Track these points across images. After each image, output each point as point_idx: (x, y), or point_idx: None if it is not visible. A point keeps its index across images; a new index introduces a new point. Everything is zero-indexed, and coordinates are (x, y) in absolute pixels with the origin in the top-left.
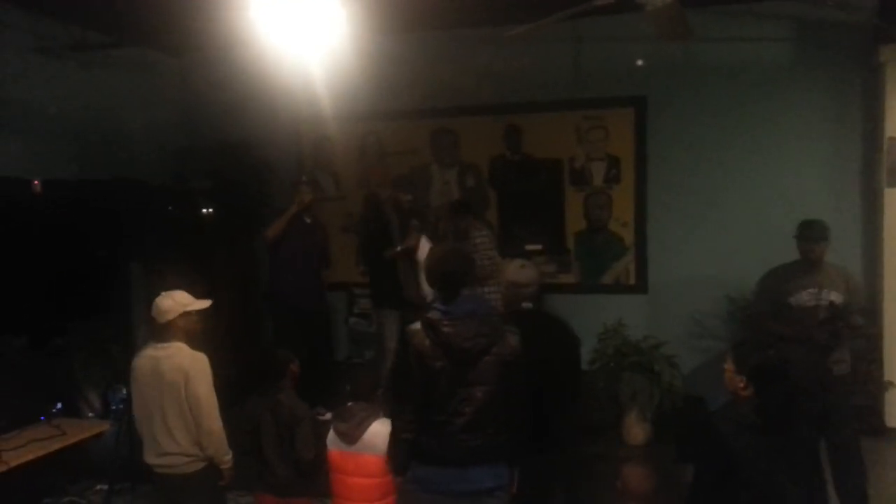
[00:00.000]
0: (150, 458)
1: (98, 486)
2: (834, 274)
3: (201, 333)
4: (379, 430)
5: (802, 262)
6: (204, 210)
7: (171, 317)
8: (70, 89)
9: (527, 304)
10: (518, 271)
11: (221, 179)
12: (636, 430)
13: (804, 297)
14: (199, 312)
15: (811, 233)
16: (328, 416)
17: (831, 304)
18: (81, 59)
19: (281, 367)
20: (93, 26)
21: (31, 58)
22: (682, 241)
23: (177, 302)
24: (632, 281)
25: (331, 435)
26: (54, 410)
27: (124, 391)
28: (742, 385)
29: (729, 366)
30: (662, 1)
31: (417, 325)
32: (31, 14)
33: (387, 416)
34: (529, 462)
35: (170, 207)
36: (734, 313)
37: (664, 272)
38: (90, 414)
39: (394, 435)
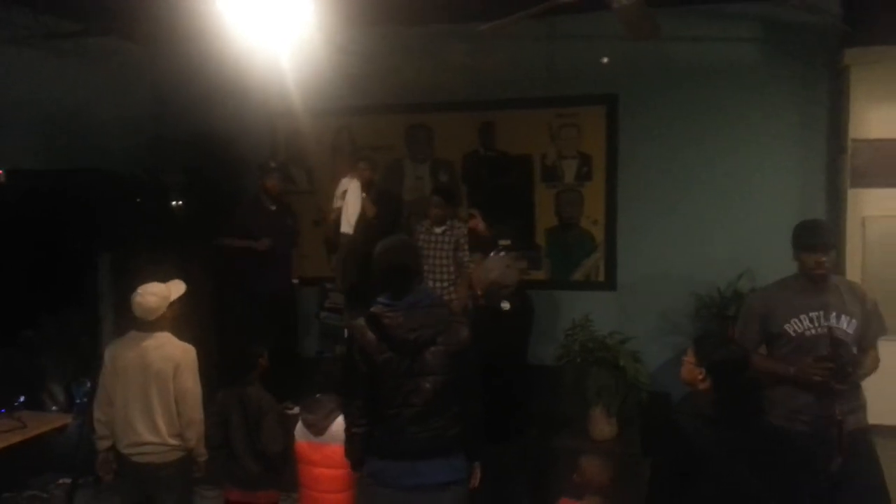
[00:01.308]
0: (124, 447)
1: (61, 480)
2: (846, 292)
3: (183, 322)
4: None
5: (801, 278)
6: (175, 202)
7: (160, 313)
8: (40, 78)
9: (505, 304)
10: (505, 272)
11: (193, 172)
12: (602, 425)
13: (805, 325)
14: (178, 298)
15: (816, 239)
16: (296, 410)
17: (841, 333)
18: (52, 48)
19: (250, 359)
20: (64, 15)
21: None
22: (652, 239)
23: (161, 297)
24: (601, 278)
25: (299, 426)
26: (16, 404)
27: (89, 384)
28: (700, 377)
29: (689, 358)
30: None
31: (361, 320)
32: (1, 2)
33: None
34: (489, 453)
35: (139, 199)
36: (701, 311)
37: (633, 269)
38: (53, 408)
39: (346, 430)
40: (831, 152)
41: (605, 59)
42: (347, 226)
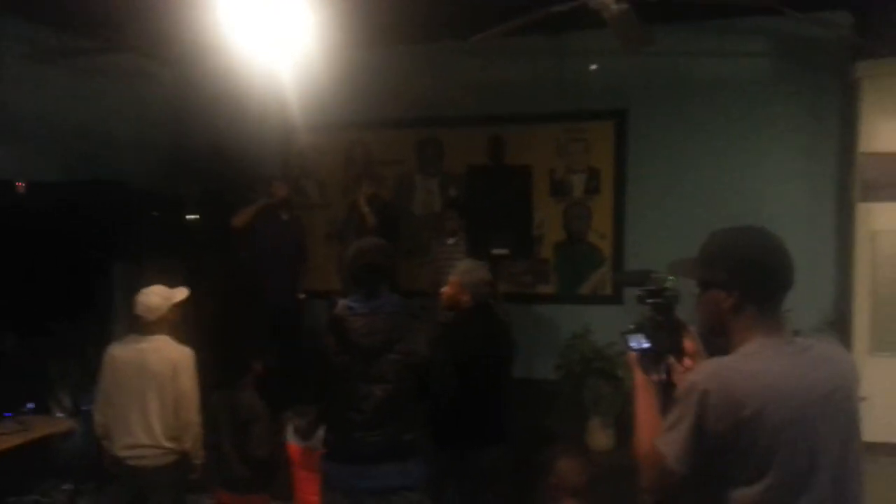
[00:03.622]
0: (120, 450)
1: (64, 486)
2: None
3: (183, 326)
4: None
5: None
6: (189, 215)
7: (161, 313)
8: (59, 95)
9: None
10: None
11: (208, 186)
12: (600, 436)
13: None
14: (180, 303)
15: None
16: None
17: None
18: (71, 65)
19: (244, 364)
20: (84, 33)
21: (21, 63)
22: (659, 253)
23: (163, 297)
24: (608, 291)
25: (290, 429)
26: (24, 409)
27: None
28: None
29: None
30: (618, 8)
31: (326, 321)
32: (22, 20)
33: None
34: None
35: (155, 212)
36: None
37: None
38: (59, 414)
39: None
40: (841, 166)
41: (594, 67)
42: None
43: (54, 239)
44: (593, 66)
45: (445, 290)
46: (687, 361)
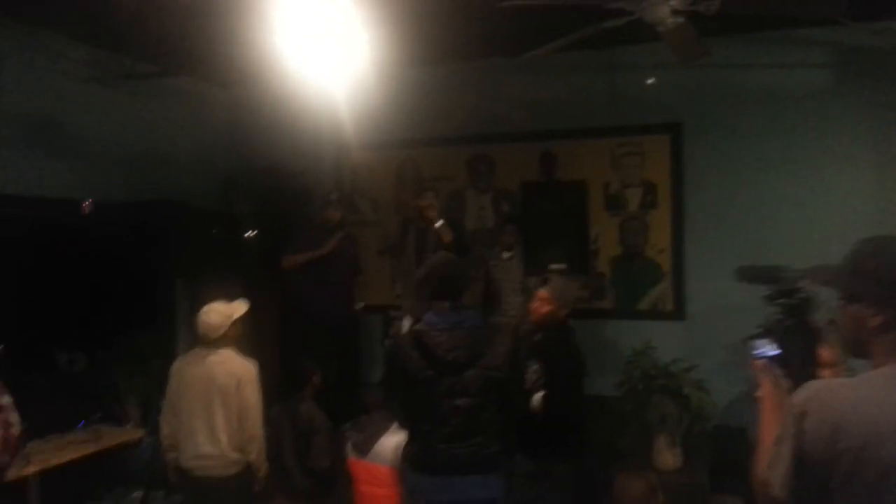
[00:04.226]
0: (186, 460)
1: (134, 494)
2: None
3: (245, 340)
4: (388, 443)
5: None
6: (247, 233)
7: (222, 331)
8: (121, 117)
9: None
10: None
11: (264, 204)
12: (666, 456)
13: None
14: (241, 317)
15: None
16: None
17: None
18: (132, 87)
19: (303, 377)
20: (143, 57)
21: (84, 86)
22: (721, 268)
23: (224, 315)
24: (669, 307)
25: (349, 444)
26: (94, 419)
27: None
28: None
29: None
30: (674, 23)
31: (407, 337)
32: (85, 45)
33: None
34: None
35: (214, 230)
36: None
37: (702, 299)
38: (129, 424)
39: None
40: None
41: (651, 80)
42: None
43: (119, 256)
44: (650, 80)
45: (537, 306)
46: (825, 373)
